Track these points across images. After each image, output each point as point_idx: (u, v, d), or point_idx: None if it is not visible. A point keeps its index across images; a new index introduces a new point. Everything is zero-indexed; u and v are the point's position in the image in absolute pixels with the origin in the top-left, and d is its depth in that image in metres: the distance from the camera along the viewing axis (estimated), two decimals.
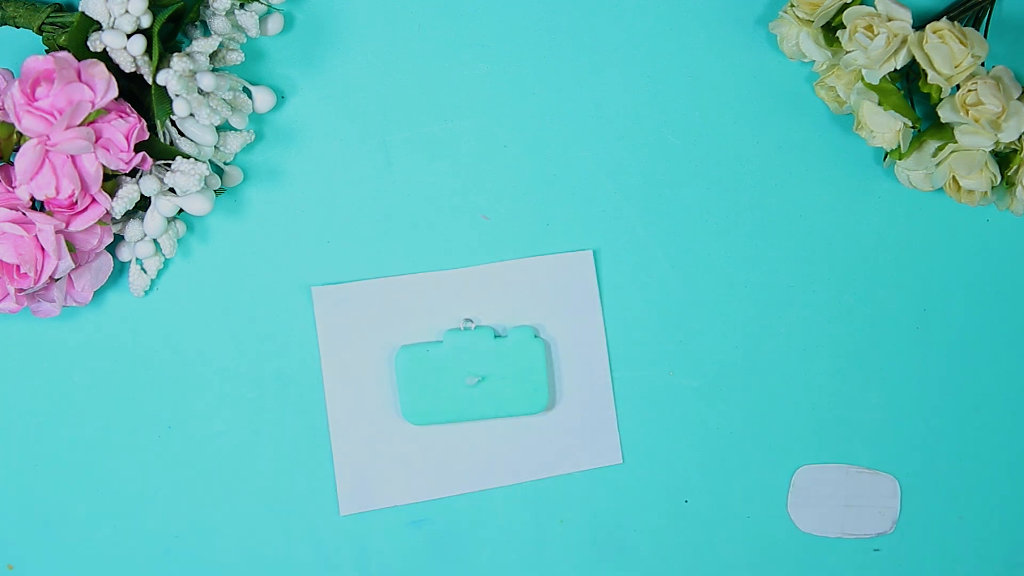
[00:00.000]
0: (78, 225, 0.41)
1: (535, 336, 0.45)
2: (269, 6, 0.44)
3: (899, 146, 0.44)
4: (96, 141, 0.40)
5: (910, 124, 0.44)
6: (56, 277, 0.41)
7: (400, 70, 0.46)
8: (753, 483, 0.47)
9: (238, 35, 0.43)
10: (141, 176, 0.42)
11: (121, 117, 0.41)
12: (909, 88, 0.45)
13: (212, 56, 0.43)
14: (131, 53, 0.40)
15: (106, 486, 0.46)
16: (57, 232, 0.40)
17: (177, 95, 0.41)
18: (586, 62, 0.46)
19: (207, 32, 0.43)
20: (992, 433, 0.48)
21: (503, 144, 0.46)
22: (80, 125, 0.40)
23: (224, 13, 0.42)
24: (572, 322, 0.46)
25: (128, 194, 0.41)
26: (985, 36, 0.45)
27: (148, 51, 0.41)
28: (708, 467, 0.47)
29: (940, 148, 0.44)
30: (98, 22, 0.41)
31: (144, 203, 0.43)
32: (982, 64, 0.43)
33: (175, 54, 0.41)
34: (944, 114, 0.43)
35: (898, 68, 0.43)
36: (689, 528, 0.47)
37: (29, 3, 0.42)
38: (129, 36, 0.40)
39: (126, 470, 0.46)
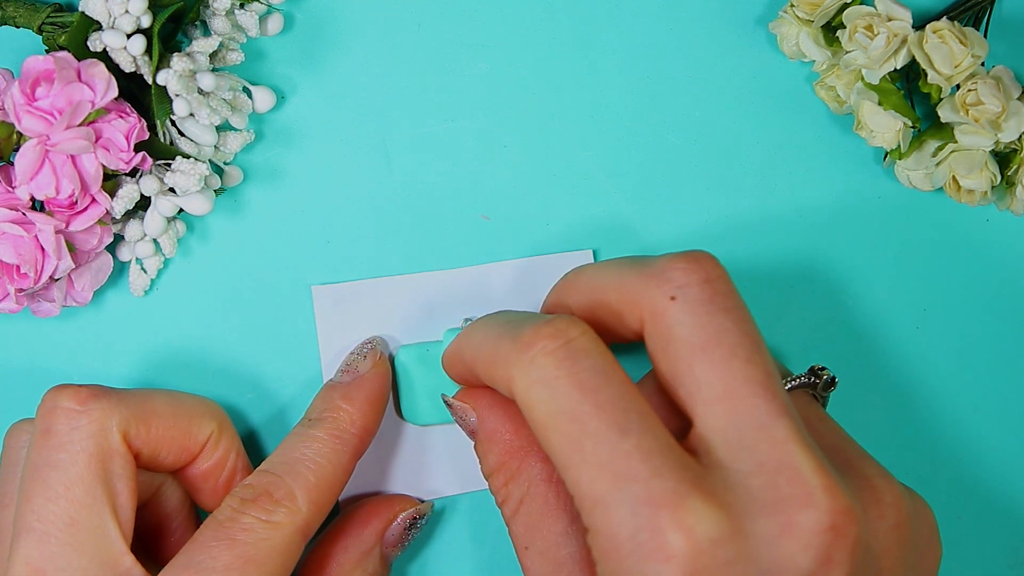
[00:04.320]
0: (78, 225, 0.41)
1: None
2: (269, 6, 0.44)
3: (899, 146, 0.44)
4: (96, 141, 0.40)
5: (910, 124, 0.44)
6: (56, 277, 0.41)
7: (400, 70, 0.46)
8: None
9: (238, 35, 0.43)
10: (141, 176, 0.42)
11: (121, 117, 0.41)
12: (909, 88, 0.45)
13: (212, 56, 0.43)
14: (131, 53, 0.40)
15: None
16: (57, 232, 0.40)
17: (177, 95, 0.41)
18: (586, 62, 0.46)
19: (207, 32, 0.43)
20: (992, 433, 0.48)
21: (503, 144, 0.46)
22: (80, 125, 0.40)
23: (224, 13, 0.42)
24: None
25: (128, 194, 0.41)
26: (985, 36, 0.45)
27: (148, 51, 0.41)
28: None
29: (940, 148, 0.44)
30: (98, 22, 0.41)
31: (144, 203, 0.43)
32: (982, 64, 0.43)
33: (175, 54, 0.41)
34: (944, 114, 0.43)
35: (898, 68, 0.43)
36: None
37: (29, 3, 0.42)
38: (129, 36, 0.40)
39: None
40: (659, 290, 0.35)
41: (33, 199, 0.40)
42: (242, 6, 0.43)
